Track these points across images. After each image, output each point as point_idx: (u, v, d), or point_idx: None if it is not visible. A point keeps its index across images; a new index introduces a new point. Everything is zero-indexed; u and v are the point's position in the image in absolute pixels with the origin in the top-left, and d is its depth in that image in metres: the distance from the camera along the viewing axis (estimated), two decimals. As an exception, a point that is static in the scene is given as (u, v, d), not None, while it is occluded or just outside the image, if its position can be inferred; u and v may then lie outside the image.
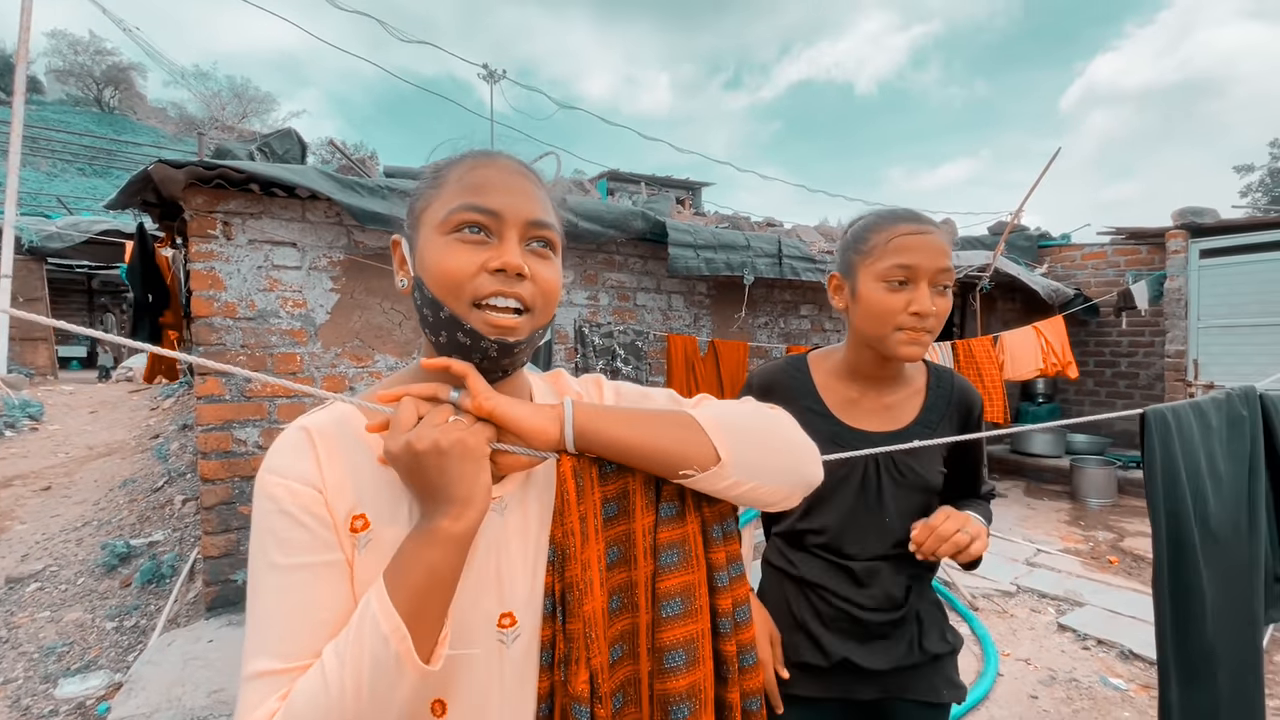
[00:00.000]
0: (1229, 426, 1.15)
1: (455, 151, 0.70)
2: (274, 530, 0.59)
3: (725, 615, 0.71)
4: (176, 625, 3.00)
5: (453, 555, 0.58)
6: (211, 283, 2.79)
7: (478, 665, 0.64)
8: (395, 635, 0.54)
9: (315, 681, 0.54)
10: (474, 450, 0.59)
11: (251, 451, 2.90)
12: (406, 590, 0.56)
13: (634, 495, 0.69)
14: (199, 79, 21.33)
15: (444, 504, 0.58)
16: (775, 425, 0.73)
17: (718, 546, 0.72)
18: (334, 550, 0.60)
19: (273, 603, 0.58)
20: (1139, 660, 2.99)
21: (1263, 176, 21.34)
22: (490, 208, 0.63)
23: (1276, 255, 5.01)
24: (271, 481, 0.60)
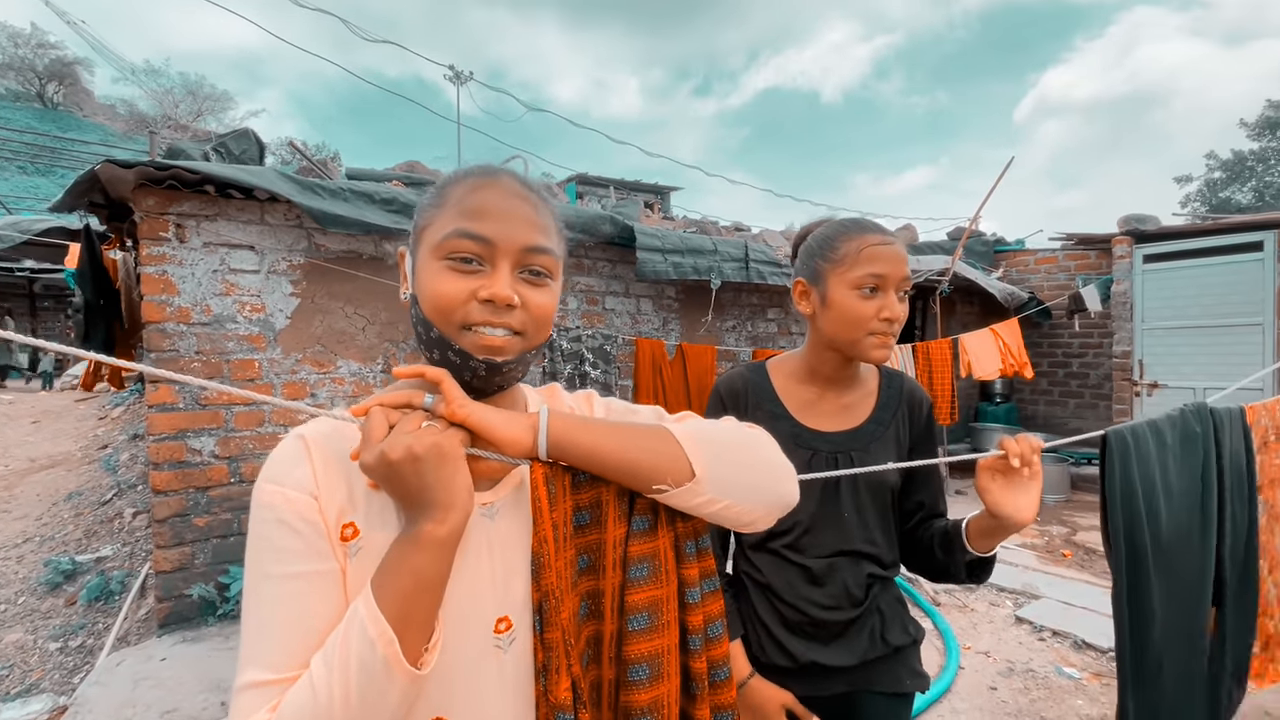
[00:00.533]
0: (1183, 443, 1.21)
1: (463, 167, 0.70)
2: (269, 539, 0.59)
3: (696, 632, 0.70)
4: (126, 644, 2.88)
5: (439, 559, 0.57)
6: (164, 287, 2.70)
7: (476, 676, 0.64)
8: (382, 640, 0.54)
9: (303, 690, 0.54)
10: (450, 454, 0.58)
11: (207, 461, 2.81)
12: (393, 595, 0.55)
13: (607, 506, 0.69)
14: (150, 76, 20.58)
15: (426, 509, 0.57)
16: (753, 444, 0.73)
17: (690, 563, 0.72)
18: (328, 559, 0.60)
19: (267, 613, 0.58)
20: (1091, 649, 3.11)
21: (1200, 187, 22.46)
22: (484, 235, 0.63)
23: (1213, 261, 5.28)
24: (268, 490, 0.60)
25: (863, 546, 1.14)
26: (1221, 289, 5.22)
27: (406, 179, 3.26)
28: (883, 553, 1.16)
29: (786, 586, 1.14)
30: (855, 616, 1.13)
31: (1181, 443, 1.22)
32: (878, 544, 1.15)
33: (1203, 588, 1.16)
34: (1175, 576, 1.14)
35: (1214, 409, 1.28)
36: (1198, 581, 1.16)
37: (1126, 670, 1.14)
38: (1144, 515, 1.13)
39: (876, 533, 1.15)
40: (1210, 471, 1.21)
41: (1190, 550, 1.15)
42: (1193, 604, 1.15)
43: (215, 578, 2.83)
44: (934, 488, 1.22)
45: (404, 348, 3.36)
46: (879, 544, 1.15)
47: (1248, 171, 21.36)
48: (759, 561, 1.17)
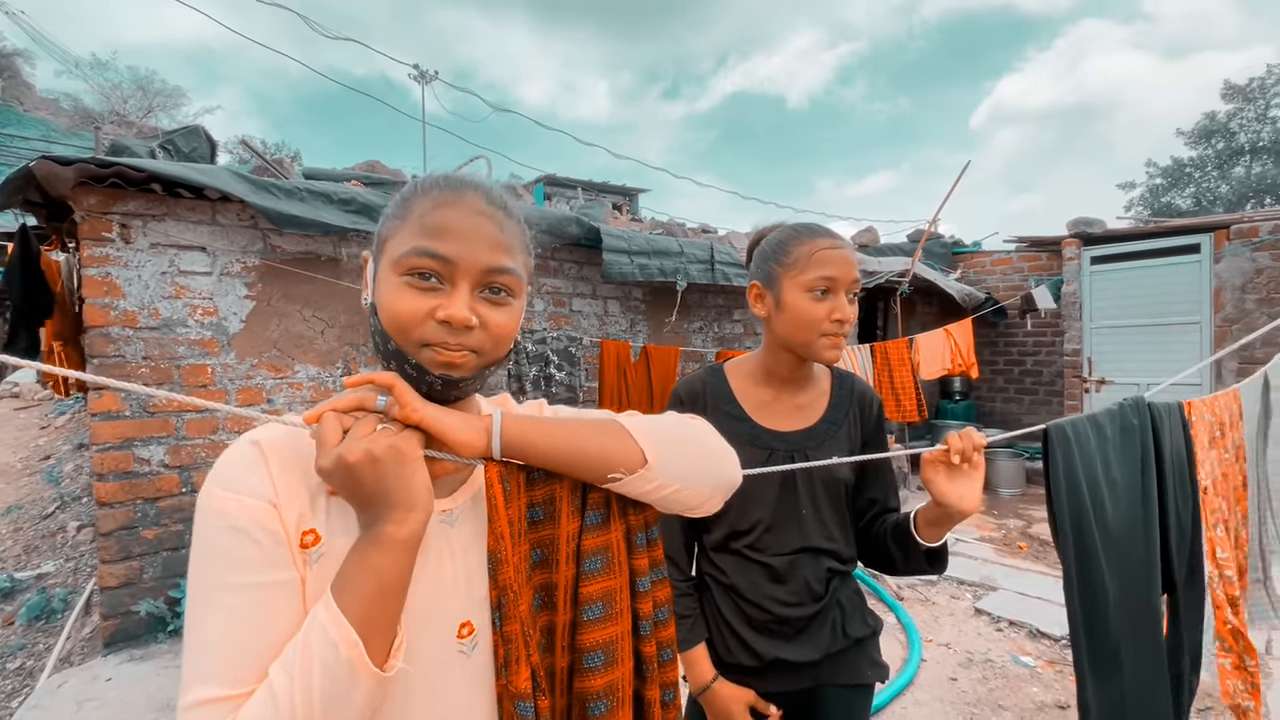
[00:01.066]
0: (1122, 434, 1.25)
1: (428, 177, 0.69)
2: (223, 548, 0.57)
3: (646, 618, 0.73)
4: (69, 664, 2.74)
5: (400, 561, 0.57)
6: (107, 289, 2.58)
7: (439, 682, 0.64)
8: (346, 642, 0.53)
9: (263, 701, 0.52)
10: (408, 454, 0.58)
11: (156, 471, 2.70)
12: (355, 598, 0.54)
13: (560, 502, 0.71)
14: (96, 69, 19.69)
15: (386, 511, 0.57)
16: (696, 432, 0.76)
17: (640, 553, 0.75)
18: (288, 568, 0.58)
19: (220, 625, 0.55)
20: (1045, 638, 3.22)
21: (1143, 193, 23.52)
22: (444, 254, 0.62)
23: (1155, 262, 5.53)
24: (221, 496, 0.58)
25: (822, 543, 1.17)
26: (1163, 289, 5.48)
27: (366, 179, 3.19)
28: (840, 548, 1.19)
29: (750, 585, 1.16)
30: (817, 611, 1.16)
31: (1121, 435, 1.27)
32: (835, 540, 1.19)
33: (1151, 575, 1.21)
34: (1124, 565, 1.18)
35: (1151, 403, 1.34)
36: (1145, 569, 1.20)
37: (1084, 661, 1.17)
38: (1090, 506, 1.17)
39: (834, 529, 1.19)
40: (1150, 463, 1.26)
41: (1136, 539, 1.20)
42: (1144, 592, 1.19)
43: (165, 593, 2.72)
44: (886, 484, 1.25)
45: (365, 351, 3.28)
46: (837, 540, 1.19)
47: (1186, 178, 22.47)
48: (722, 562, 1.19)
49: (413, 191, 0.67)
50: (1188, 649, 1.35)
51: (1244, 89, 21.07)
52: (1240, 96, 21.20)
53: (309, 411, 0.61)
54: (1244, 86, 21.05)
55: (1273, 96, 20.59)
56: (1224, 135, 21.57)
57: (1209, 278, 5.24)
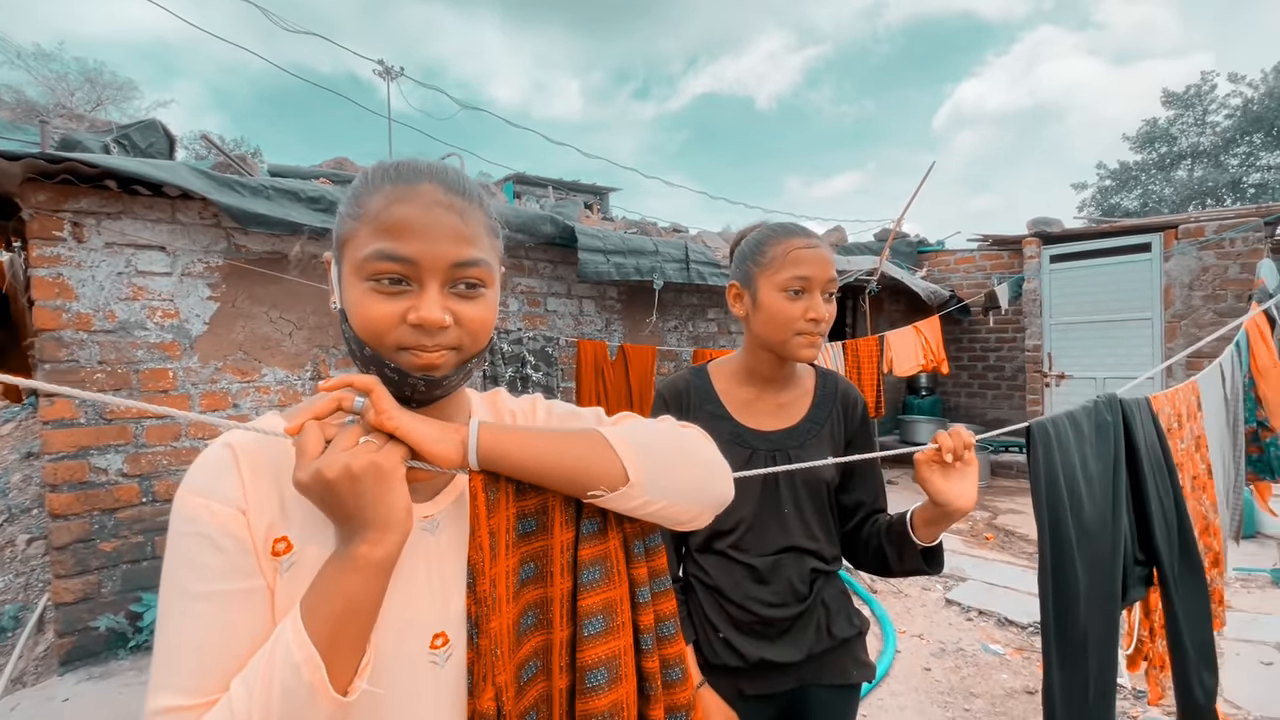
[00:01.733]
0: (1096, 431, 1.30)
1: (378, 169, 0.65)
2: (189, 554, 0.55)
3: (647, 631, 0.70)
4: (22, 685, 2.61)
5: (372, 582, 0.55)
6: (59, 291, 2.46)
7: (411, 694, 0.62)
8: (308, 665, 0.51)
9: (221, 715, 0.51)
10: (388, 473, 0.55)
11: (114, 481, 2.58)
12: (322, 618, 0.53)
13: (553, 511, 0.68)
14: (40, 60, 18.75)
15: (361, 529, 0.55)
16: (687, 444, 0.72)
17: (639, 562, 0.72)
18: (254, 576, 0.56)
19: (183, 633, 0.54)
20: (1013, 626, 3.32)
21: (1094, 193, 24.50)
22: (406, 255, 0.59)
23: (1110, 261, 5.76)
24: (191, 501, 0.56)
25: (804, 543, 1.17)
26: (1116, 286, 5.71)
27: (334, 176, 3.11)
28: (824, 548, 1.19)
29: (733, 586, 1.16)
30: (800, 612, 1.16)
31: (1096, 431, 1.31)
32: (818, 539, 1.18)
33: (1115, 568, 1.25)
34: (1095, 558, 1.22)
35: (1123, 400, 1.39)
36: (1112, 562, 1.24)
37: (1052, 649, 1.20)
38: (1067, 501, 1.20)
39: (816, 529, 1.18)
40: (1120, 458, 1.31)
41: (1106, 532, 1.24)
42: (1109, 584, 1.23)
43: (126, 607, 2.61)
44: (874, 484, 1.25)
45: (335, 353, 3.20)
46: (820, 539, 1.19)
47: (1133, 180, 23.48)
48: (705, 563, 1.19)
49: (364, 186, 0.63)
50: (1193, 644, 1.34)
51: (1182, 96, 22.11)
52: (1179, 103, 22.24)
53: (289, 423, 0.58)
54: (1182, 94, 22.09)
55: (1209, 103, 21.65)
56: (1165, 140, 22.59)
57: (1159, 275, 5.48)
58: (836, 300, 1.21)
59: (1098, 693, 1.19)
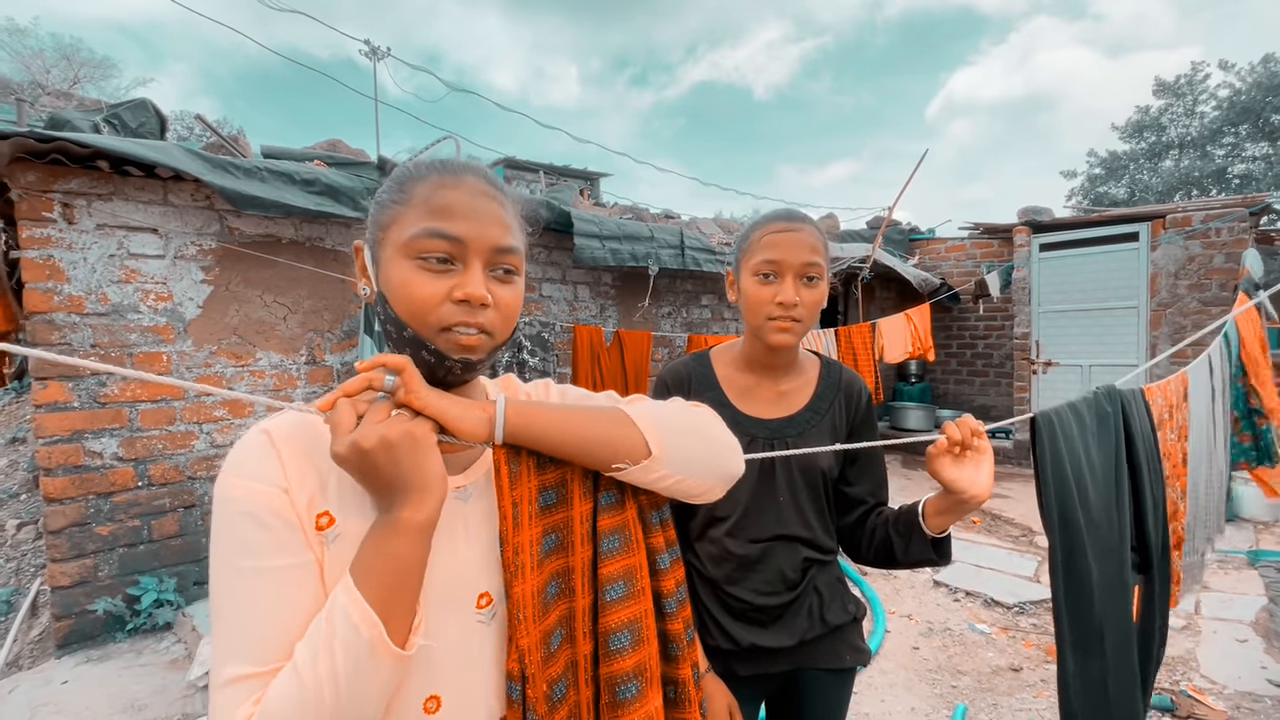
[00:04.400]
0: (1098, 421, 1.32)
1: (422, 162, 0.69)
2: (238, 533, 0.58)
3: (669, 596, 0.74)
4: (19, 668, 2.61)
5: (417, 544, 0.58)
6: (50, 273, 2.43)
7: (462, 652, 0.65)
8: (366, 623, 0.54)
9: (289, 679, 0.53)
10: (422, 440, 0.59)
11: (109, 465, 2.57)
12: (374, 581, 0.56)
13: (572, 484, 0.71)
14: (14, 36, 18.22)
15: (402, 495, 0.58)
16: (702, 422, 0.77)
17: (656, 531, 0.75)
18: (302, 551, 0.59)
19: (242, 607, 0.57)
20: (999, 606, 3.40)
21: (1083, 182, 24.64)
22: (455, 234, 0.63)
23: (1098, 250, 5.82)
24: (235, 484, 0.59)
25: (798, 531, 1.17)
26: (1104, 275, 5.78)
27: (329, 159, 3.07)
28: (818, 537, 1.19)
29: (726, 577, 1.17)
30: (792, 600, 1.17)
31: (1098, 422, 1.33)
32: (813, 528, 1.18)
33: (1124, 556, 1.26)
34: (1103, 547, 1.23)
35: (1121, 391, 1.41)
36: (1119, 551, 1.26)
37: (1065, 638, 1.21)
38: (1074, 489, 1.22)
39: (811, 517, 1.18)
40: (1121, 448, 1.32)
41: (1111, 521, 1.25)
42: (1119, 572, 1.24)
43: (123, 590, 2.61)
44: (876, 476, 1.24)
45: (329, 337, 3.19)
46: (814, 528, 1.18)
47: (1121, 169, 23.62)
48: (701, 552, 1.20)
49: (410, 175, 0.67)
50: (1159, 627, 1.40)
51: (1173, 85, 22.22)
52: (1169, 93, 22.35)
53: (322, 399, 0.62)
54: (1173, 83, 22.20)
55: (1199, 93, 21.79)
56: (1155, 129, 22.73)
57: (1146, 264, 5.55)
58: (829, 287, 1.20)
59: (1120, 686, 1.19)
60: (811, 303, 1.12)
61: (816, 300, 1.13)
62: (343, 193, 2.85)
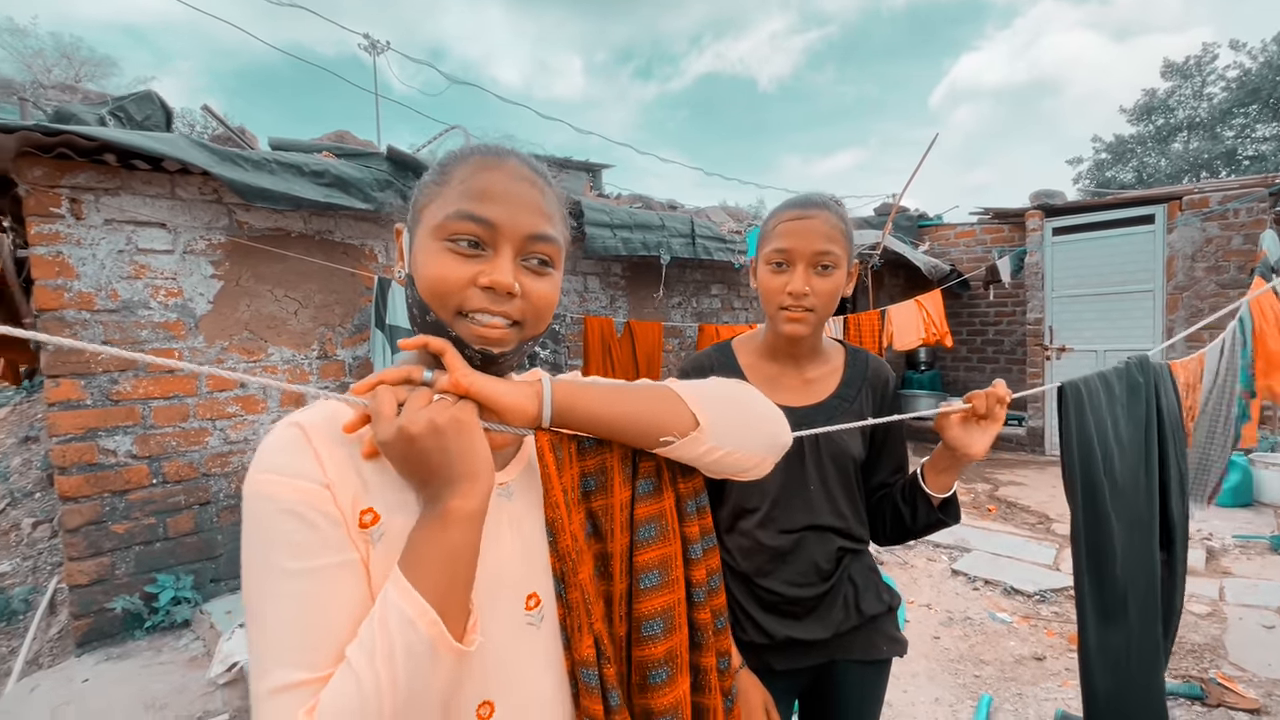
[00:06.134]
0: (1129, 392, 1.30)
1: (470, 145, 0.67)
2: (280, 532, 0.54)
3: (699, 585, 0.74)
4: (39, 666, 2.61)
5: (469, 534, 0.55)
6: (59, 269, 2.40)
7: (514, 656, 0.63)
8: (424, 620, 0.51)
9: (346, 683, 0.50)
10: (469, 425, 0.57)
11: (123, 462, 2.55)
12: (427, 576, 0.53)
13: (612, 471, 0.70)
14: (15, 35, 18.18)
15: (450, 483, 0.55)
16: (745, 394, 0.76)
17: (691, 520, 0.75)
18: (348, 550, 0.56)
19: (288, 610, 0.53)
20: (1019, 595, 3.37)
21: (1089, 167, 24.40)
22: (487, 218, 0.61)
23: (1113, 233, 5.75)
24: (272, 481, 0.55)
25: (830, 520, 1.15)
26: (1119, 259, 5.71)
27: (337, 150, 3.03)
28: (851, 526, 1.17)
29: (757, 569, 1.15)
30: (826, 591, 1.15)
31: (1129, 392, 1.31)
32: (845, 517, 1.17)
33: (1152, 528, 1.26)
34: (1130, 517, 1.23)
35: (1153, 363, 1.39)
36: (1148, 522, 1.25)
37: (1087, 606, 1.22)
38: (1100, 458, 1.21)
39: (843, 505, 1.17)
40: (1152, 419, 1.31)
41: (1140, 492, 1.25)
42: (1147, 544, 1.24)
43: (141, 588, 2.60)
44: (899, 462, 1.24)
45: (340, 332, 3.16)
46: (846, 517, 1.17)
47: (1129, 153, 23.37)
48: (731, 544, 1.18)
49: (452, 158, 0.66)
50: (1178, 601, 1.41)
51: (1181, 67, 21.93)
52: (1178, 74, 22.07)
53: (359, 383, 0.58)
54: (1181, 65, 21.91)
55: (1208, 74, 21.50)
56: (1163, 112, 22.47)
57: (1162, 247, 5.47)
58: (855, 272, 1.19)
59: (1142, 656, 1.19)
60: (825, 291, 1.10)
61: (831, 289, 1.11)
62: (352, 184, 2.81)
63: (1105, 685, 1.20)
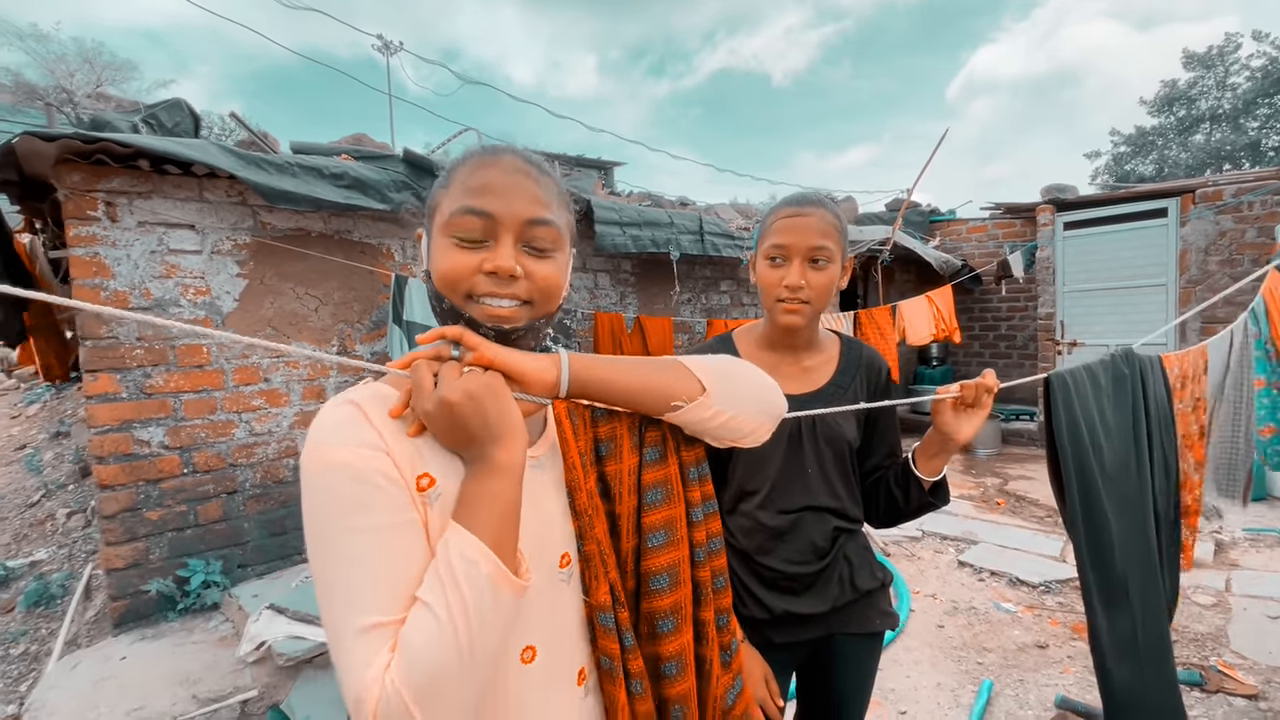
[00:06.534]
0: (1114, 383, 1.35)
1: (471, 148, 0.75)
2: (349, 496, 0.59)
3: (700, 546, 0.81)
4: (77, 646, 2.74)
5: (513, 482, 0.63)
6: (96, 270, 2.53)
7: (550, 608, 0.71)
8: (484, 560, 0.58)
9: (424, 619, 0.56)
10: (500, 389, 0.63)
11: (156, 453, 2.68)
12: (480, 521, 0.60)
13: (621, 439, 0.78)
14: (38, 41, 18.55)
15: (490, 442, 0.62)
16: (744, 367, 0.84)
17: (694, 486, 0.82)
18: (409, 510, 0.62)
19: (362, 563, 0.58)
20: (1024, 585, 3.40)
21: (1108, 160, 24.01)
22: (486, 210, 0.66)
23: (1125, 227, 5.71)
24: (336, 449, 0.60)
25: (827, 501, 1.22)
26: (1131, 253, 5.67)
27: (355, 152, 3.14)
28: (846, 506, 1.24)
29: (758, 548, 1.22)
30: (823, 567, 1.22)
31: (1114, 383, 1.37)
32: (840, 498, 1.23)
33: (1146, 512, 1.30)
34: (1122, 502, 1.28)
35: (1138, 354, 1.44)
36: (1141, 506, 1.30)
37: (1092, 592, 1.26)
38: (1089, 446, 1.26)
39: (839, 487, 1.24)
40: (1140, 408, 1.36)
41: (1130, 477, 1.29)
42: (1142, 527, 1.28)
43: (173, 572, 2.73)
44: (892, 442, 1.31)
45: (359, 328, 3.27)
46: (842, 498, 1.24)
47: (1149, 145, 22.97)
48: (733, 525, 1.24)
49: (456, 162, 0.72)
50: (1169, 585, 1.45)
51: (1203, 57, 21.49)
52: (1200, 64, 21.63)
53: (397, 359, 0.66)
54: (1203, 55, 21.46)
55: (1231, 64, 21.05)
56: (1185, 103, 22.04)
57: (1175, 241, 5.44)
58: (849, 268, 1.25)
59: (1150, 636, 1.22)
60: (819, 285, 1.17)
61: (825, 283, 1.17)
62: (370, 185, 2.91)
63: (1121, 675, 1.24)
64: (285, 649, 2.25)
